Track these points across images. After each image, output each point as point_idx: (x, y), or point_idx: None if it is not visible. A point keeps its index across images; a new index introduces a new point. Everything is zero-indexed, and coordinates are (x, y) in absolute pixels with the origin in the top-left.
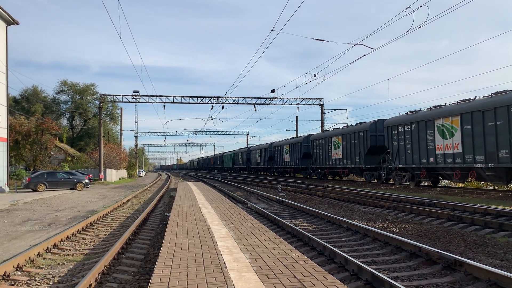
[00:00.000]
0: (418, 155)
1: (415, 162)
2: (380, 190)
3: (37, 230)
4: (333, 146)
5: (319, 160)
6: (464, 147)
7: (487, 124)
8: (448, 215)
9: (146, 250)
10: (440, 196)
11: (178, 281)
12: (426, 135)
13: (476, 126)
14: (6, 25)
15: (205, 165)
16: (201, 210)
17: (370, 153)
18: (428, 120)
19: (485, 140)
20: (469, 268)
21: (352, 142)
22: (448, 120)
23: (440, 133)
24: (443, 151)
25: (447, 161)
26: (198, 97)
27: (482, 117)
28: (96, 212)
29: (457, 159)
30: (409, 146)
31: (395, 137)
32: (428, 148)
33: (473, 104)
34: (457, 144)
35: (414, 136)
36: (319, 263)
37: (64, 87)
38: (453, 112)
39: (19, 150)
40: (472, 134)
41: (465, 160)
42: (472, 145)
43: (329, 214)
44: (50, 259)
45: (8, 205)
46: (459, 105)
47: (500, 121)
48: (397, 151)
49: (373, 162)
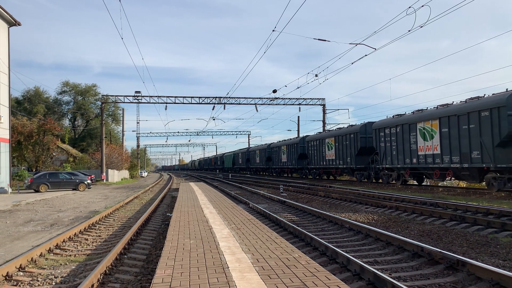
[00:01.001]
0: (402, 155)
1: (400, 162)
2: (382, 190)
3: (39, 230)
4: (327, 147)
5: (314, 161)
6: (442, 148)
7: (462, 128)
8: (451, 215)
9: (148, 251)
10: (443, 196)
11: (180, 281)
12: (409, 137)
13: (452, 129)
14: (8, 26)
15: (206, 165)
16: (203, 210)
17: (360, 154)
18: (411, 123)
19: (460, 142)
20: (472, 268)
21: (344, 143)
22: (428, 123)
23: (421, 135)
24: (424, 152)
25: (428, 162)
26: (199, 98)
27: (458, 121)
28: (98, 213)
29: (436, 160)
30: (395, 147)
31: (382, 139)
32: (411, 149)
33: (450, 108)
34: (436, 146)
35: (399, 138)
36: (321, 263)
37: (66, 87)
38: (432, 116)
39: (21, 151)
40: (449, 137)
41: (443, 161)
42: (449, 147)
43: (331, 214)
44: (52, 260)
45: (10, 206)
46: (438, 109)
47: (473, 124)
48: (384, 152)
49: (363, 163)
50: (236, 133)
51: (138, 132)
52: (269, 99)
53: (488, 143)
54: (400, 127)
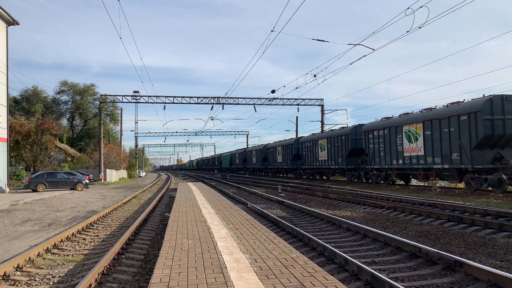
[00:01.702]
0: (389, 157)
1: (387, 163)
2: (380, 191)
3: (37, 230)
4: (320, 148)
5: (307, 161)
6: (426, 150)
7: (443, 130)
8: (448, 215)
9: (146, 251)
10: (440, 196)
11: (178, 281)
12: (396, 139)
13: (434, 132)
14: (6, 26)
15: (204, 165)
16: (201, 210)
17: (351, 155)
18: (397, 126)
19: (441, 144)
20: (469, 268)
21: (336, 144)
22: (413, 126)
23: (407, 138)
24: (410, 153)
25: (413, 163)
26: (198, 98)
27: (439, 124)
28: (96, 213)
29: (420, 161)
30: (383, 149)
31: (371, 141)
32: (397, 151)
33: (433, 112)
34: (420, 148)
35: (387, 140)
36: (319, 263)
37: (64, 87)
38: (417, 119)
39: (19, 151)
40: (432, 139)
41: (426, 162)
42: (431, 149)
43: (329, 215)
44: (50, 259)
45: (8, 205)
46: (423, 113)
47: (453, 128)
48: (373, 153)
49: (354, 163)
50: (235, 133)
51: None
52: (267, 99)
53: (466, 145)
54: (388, 129)
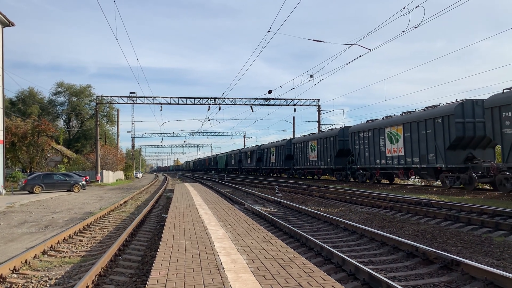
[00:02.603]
0: (374, 157)
1: (372, 163)
2: (377, 191)
3: (33, 232)
4: (310, 149)
5: (299, 162)
6: (405, 151)
7: (421, 132)
8: (445, 214)
9: (143, 252)
10: (437, 196)
11: (175, 282)
12: (379, 140)
13: (413, 134)
14: (2, 27)
15: (201, 166)
16: (198, 211)
17: (339, 156)
18: (380, 128)
19: (419, 145)
20: (466, 267)
21: (325, 146)
22: (394, 128)
23: (389, 139)
24: (391, 154)
25: (394, 162)
26: (195, 98)
27: (417, 126)
28: (93, 214)
29: (400, 161)
30: (367, 150)
31: (357, 142)
32: (381, 152)
33: (412, 116)
34: (401, 149)
35: (371, 141)
36: (316, 263)
37: (60, 88)
38: (398, 122)
39: (16, 152)
40: (411, 140)
41: (406, 162)
42: (411, 149)
43: (326, 215)
44: (46, 261)
45: (4, 207)
46: (403, 116)
47: (429, 130)
48: (358, 154)
49: (342, 163)
50: (232, 133)
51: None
52: (264, 100)
53: (440, 146)
54: (372, 131)
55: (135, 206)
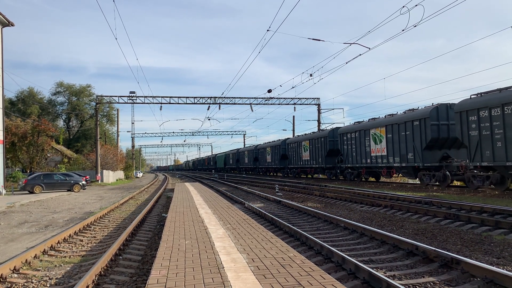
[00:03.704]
0: (360, 156)
1: (358, 162)
2: (377, 189)
3: (34, 232)
4: (303, 149)
5: (293, 161)
6: (388, 151)
7: (401, 134)
8: (445, 213)
9: (143, 251)
10: (437, 194)
11: (175, 282)
12: (365, 141)
13: (394, 135)
14: (1, 27)
15: (200, 165)
16: (199, 210)
17: (329, 155)
18: (366, 129)
19: (400, 146)
20: (466, 266)
21: (316, 146)
22: (378, 130)
23: (373, 140)
24: (376, 153)
25: (378, 162)
26: (194, 98)
27: (398, 128)
28: (93, 214)
29: (383, 160)
30: (355, 150)
31: (345, 142)
32: (366, 152)
33: (393, 118)
34: (384, 149)
35: (358, 142)
36: (316, 262)
37: (60, 88)
38: (381, 124)
39: (16, 152)
40: (392, 141)
41: (388, 161)
42: (392, 149)
43: (326, 214)
44: (47, 261)
45: (4, 207)
46: (386, 118)
47: (408, 131)
48: (346, 154)
49: (332, 162)
50: (232, 133)
51: (133, 132)
52: (264, 99)
53: (418, 147)
54: (358, 132)
55: (135, 206)
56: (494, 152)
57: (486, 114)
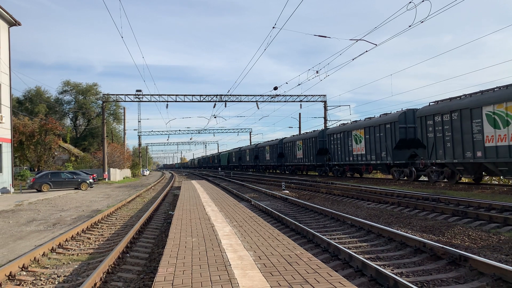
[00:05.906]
0: (344, 155)
1: (343, 160)
2: (384, 186)
3: (42, 230)
4: (297, 148)
5: (289, 159)
6: (366, 150)
7: (376, 135)
8: (453, 210)
9: (151, 249)
10: (445, 191)
11: (182, 279)
12: (348, 141)
13: (371, 136)
14: (8, 26)
15: (205, 163)
16: (205, 208)
17: (319, 154)
18: (349, 130)
19: (375, 146)
20: (474, 263)
21: (308, 145)
22: (359, 131)
23: (355, 140)
24: (357, 152)
25: (358, 159)
26: (200, 96)
27: (374, 130)
28: (100, 212)
29: (363, 158)
30: (340, 149)
31: (332, 142)
32: (349, 151)
33: (371, 121)
34: (363, 148)
35: (342, 142)
36: (323, 260)
37: (67, 87)
38: (361, 126)
39: (23, 151)
40: (370, 141)
41: (366, 159)
42: (370, 149)
43: (333, 211)
44: (55, 259)
45: (13, 206)
46: (365, 121)
47: (382, 133)
48: (333, 152)
49: (322, 160)
50: (238, 130)
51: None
52: (270, 96)
53: (389, 146)
54: (343, 133)
55: (142, 204)
56: (445, 151)
57: (439, 119)
